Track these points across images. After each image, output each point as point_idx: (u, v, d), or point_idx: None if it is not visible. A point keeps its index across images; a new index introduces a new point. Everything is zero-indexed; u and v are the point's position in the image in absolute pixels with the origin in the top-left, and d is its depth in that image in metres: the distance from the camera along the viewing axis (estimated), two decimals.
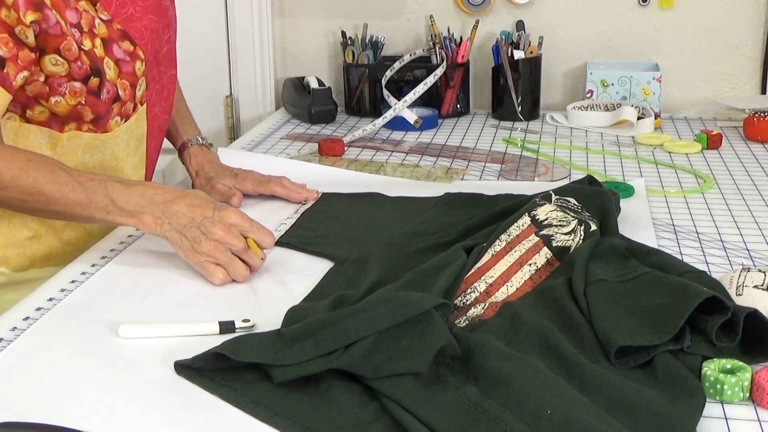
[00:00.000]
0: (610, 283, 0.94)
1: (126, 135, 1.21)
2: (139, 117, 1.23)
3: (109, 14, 1.16)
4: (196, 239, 1.05)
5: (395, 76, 1.95)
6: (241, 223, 1.06)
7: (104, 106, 1.14)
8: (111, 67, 1.14)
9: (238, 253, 1.05)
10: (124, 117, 1.18)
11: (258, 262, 1.07)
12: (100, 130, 1.15)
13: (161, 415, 0.77)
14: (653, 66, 1.98)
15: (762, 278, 0.92)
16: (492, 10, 2.05)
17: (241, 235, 1.06)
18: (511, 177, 1.50)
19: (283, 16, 2.15)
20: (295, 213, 1.30)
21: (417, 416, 0.74)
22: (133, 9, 1.19)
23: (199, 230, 1.05)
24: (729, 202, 1.36)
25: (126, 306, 1.00)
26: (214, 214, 1.06)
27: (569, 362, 0.81)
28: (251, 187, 1.35)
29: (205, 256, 1.05)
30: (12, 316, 0.97)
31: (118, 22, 1.16)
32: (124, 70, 1.16)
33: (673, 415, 0.73)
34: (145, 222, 1.07)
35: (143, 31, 1.19)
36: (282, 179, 1.36)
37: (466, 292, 0.98)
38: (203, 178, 1.38)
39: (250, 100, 2.15)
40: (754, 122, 1.73)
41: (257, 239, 1.07)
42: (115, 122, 1.17)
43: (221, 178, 1.36)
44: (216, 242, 1.04)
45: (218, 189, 1.34)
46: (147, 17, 1.21)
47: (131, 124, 1.21)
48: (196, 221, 1.06)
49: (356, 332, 0.80)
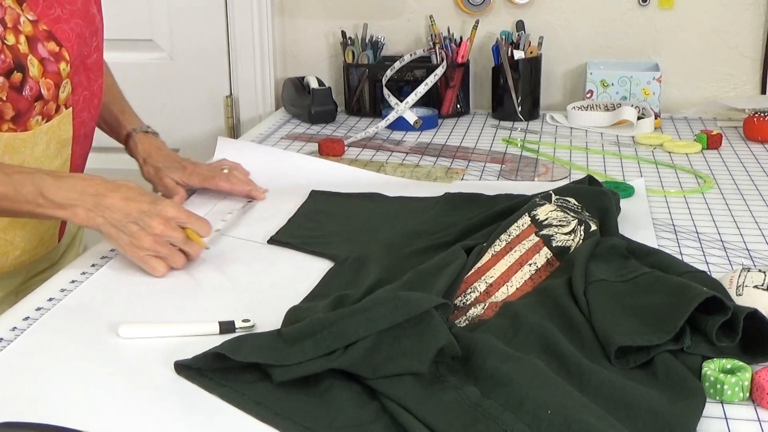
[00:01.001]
0: (610, 283, 0.94)
1: (47, 136, 1.18)
2: (64, 120, 1.20)
3: (35, 15, 1.14)
4: (136, 234, 1.05)
5: (395, 76, 1.95)
6: (178, 216, 1.07)
7: (26, 103, 1.11)
8: (35, 65, 1.11)
9: (178, 245, 1.07)
10: (45, 117, 1.15)
11: (197, 251, 1.09)
12: (20, 128, 1.12)
13: (161, 415, 0.77)
14: (653, 66, 1.98)
15: (762, 278, 0.92)
16: (492, 10, 2.05)
17: (179, 227, 1.07)
18: (511, 177, 1.50)
19: (283, 16, 2.15)
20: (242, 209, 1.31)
21: (417, 416, 0.74)
22: (60, 11, 1.17)
23: (137, 225, 1.05)
24: (729, 202, 1.36)
25: (126, 306, 1.00)
26: (151, 208, 1.06)
27: (569, 362, 0.81)
28: (198, 182, 1.36)
29: (145, 251, 1.06)
30: (12, 316, 0.97)
31: (44, 23, 1.14)
32: (48, 69, 1.13)
33: (673, 415, 0.73)
34: (78, 215, 1.06)
35: (69, 34, 1.17)
36: (232, 173, 1.37)
37: (466, 292, 0.98)
38: (151, 166, 1.38)
39: (250, 100, 2.15)
40: (754, 122, 1.73)
41: (195, 229, 1.08)
42: (36, 121, 1.14)
43: (170, 170, 1.36)
44: (156, 236, 1.05)
45: (165, 183, 1.35)
46: (74, 21, 1.19)
47: (53, 125, 1.18)
48: (133, 216, 1.06)
49: (356, 332, 0.80)
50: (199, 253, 1.10)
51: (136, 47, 2.13)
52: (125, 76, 2.10)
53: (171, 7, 2.11)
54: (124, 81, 2.13)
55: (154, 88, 2.15)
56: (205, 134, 2.15)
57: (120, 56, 2.08)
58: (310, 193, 1.36)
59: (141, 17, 2.11)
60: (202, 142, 2.13)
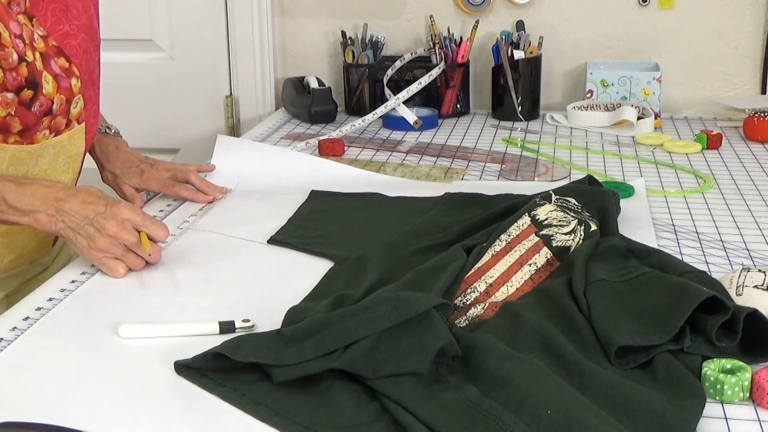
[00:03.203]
0: (610, 283, 0.95)
1: (55, 150, 1.18)
2: (76, 135, 1.20)
3: (45, 30, 1.14)
4: (91, 236, 1.06)
5: (395, 75, 1.95)
6: (133, 218, 1.07)
7: (34, 118, 1.12)
8: (49, 82, 1.12)
9: (131, 247, 1.07)
10: (54, 131, 1.15)
11: (155, 257, 1.09)
12: (26, 141, 1.12)
13: (161, 415, 0.77)
14: (653, 66, 1.98)
15: (762, 278, 0.92)
16: (492, 10, 2.05)
17: (134, 230, 1.07)
18: (511, 177, 1.50)
19: (283, 15, 2.15)
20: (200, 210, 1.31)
21: (417, 416, 0.74)
22: (68, 27, 1.17)
23: (93, 227, 1.06)
24: (729, 202, 1.36)
25: (126, 306, 1.00)
26: (107, 210, 1.06)
27: (569, 362, 0.81)
28: (156, 187, 1.36)
29: (102, 253, 1.06)
30: (12, 316, 0.97)
31: (53, 39, 1.14)
32: (61, 85, 1.14)
33: (673, 415, 0.73)
34: (39, 221, 1.07)
35: (77, 49, 1.18)
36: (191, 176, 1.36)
37: (466, 292, 0.98)
38: (109, 172, 1.38)
39: (250, 100, 2.15)
40: (754, 122, 1.73)
41: (151, 233, 1.08)
42: (43, 135, 1.14)
43: (127, 177, 1.36)
44: (110, 237, 1.06)
45: (123, 191, 1.35)
46: (80, 36, 1.19)
47: (63, 140, 1.18)
48: (89, 218, 1.06)
49: (356, 332, 0.80)
50: (157, 258, 1.10)
51: (136, 47, 2.13)
52: (125, 76, 2.12)
53: (171, 7, 2.11)
54: (124, 81, 2.14)
55: (154, 88, 2.15)
56: (205, 134, 2.15)
57: (120, 56, 2.09)
58: (310, 193, 1.36)
59: (141, 17, 2.11)
60: (202, 142, 2.13)
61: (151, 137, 2.13)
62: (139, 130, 2.05)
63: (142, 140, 1.89)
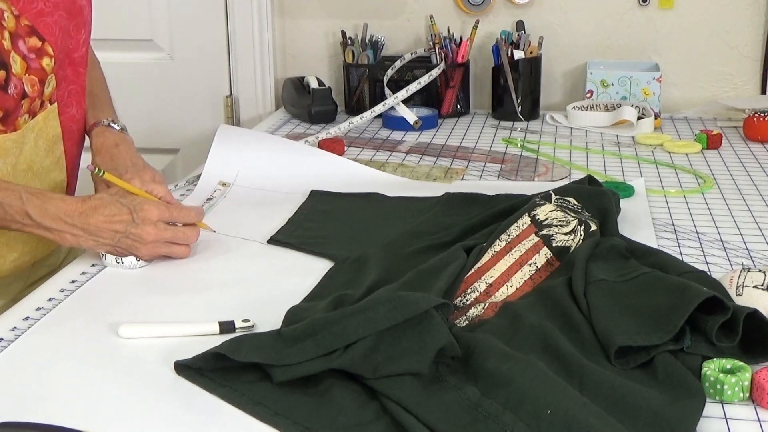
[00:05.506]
0: (610, 283, 0.94)
1: (34, 134, 1.16)
2: (50, 116, 1.18)
3: (17, 10, 1.11)
4: (132, 247, 1.07)
5: (395, 75, 1.95)
6: (162, 215, 1.08)
7: (12, 102, 1.10)
8: (17, 62, 1.10)
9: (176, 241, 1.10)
10: (32, 114, 1.14)
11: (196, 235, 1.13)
12: (9, 128, 1.11)
13: (161, 415, 0.77)
14: (653, 66, 1.98)
15: (762, 278, 0.92)
16: (492, 10, 2.05)
17: (168, 225, 1.09)
18: (511, 177, 1.50)
19: (283, 16, 2.15)
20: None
21: (417, 416, 0.74)
22: (43, 4, 1.14)
23: (129, 240, 1.06)
24: (729, 202, 1.36)
25: (126, 306, 1.00)
26: (133, 218, 1.07)
27: (569, 362, 0.81)
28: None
29: (151, 255, 1.09)
30: (12, 316, 0.97)
31: (26, 18, 1.12)
32: (31, 66, 1.12)
33: (673, 415, 0.73)
34: (65, 239, 1.07)
35: (53, 27, 1.15)
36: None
37: (466, 292, 0.98)
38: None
39: (250, 100, 2.15)
40: (754, 122, 1.73)
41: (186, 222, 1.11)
42: (23, 119, 1.13)
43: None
44: (152, 243, 1.07)
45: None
46: (57, 13, 1.16)
47: (39, 122, 1.16)
48: (121, 232, 1.06)
49: (356, 332, 0.80)
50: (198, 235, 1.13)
51: (136, 47, 2.13)
52: (125, 76, 2.11)
53: (171, 7, 2.11)
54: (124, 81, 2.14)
55: (154, 88, 2.15)
56: (205, 134, 2.15)
57: (120, 56, 2.09)
58: (310, 193, 1.36)
59: (141, 17, 2.11)
60: (202, 142, 2.13)
61: (151, 137, 2.13)
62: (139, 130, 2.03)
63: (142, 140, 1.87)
